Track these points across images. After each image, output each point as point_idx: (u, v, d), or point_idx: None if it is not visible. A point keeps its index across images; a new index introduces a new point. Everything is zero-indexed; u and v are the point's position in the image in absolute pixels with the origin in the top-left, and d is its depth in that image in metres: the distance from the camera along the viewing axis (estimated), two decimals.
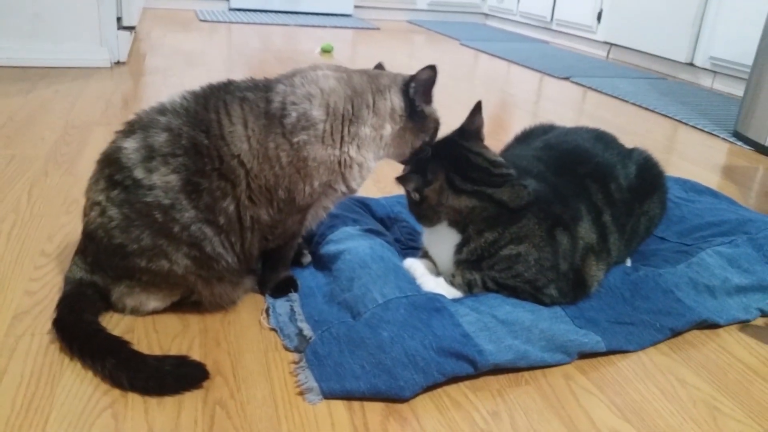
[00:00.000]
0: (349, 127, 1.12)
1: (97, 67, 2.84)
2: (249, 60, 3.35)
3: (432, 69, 1.13)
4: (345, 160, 1.13)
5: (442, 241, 1.18)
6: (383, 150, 1.18)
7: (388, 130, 1.16)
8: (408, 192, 1.19)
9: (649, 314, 1.17)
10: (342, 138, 1.12)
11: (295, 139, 1.08)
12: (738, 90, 3.24)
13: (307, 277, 1.24)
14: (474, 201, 1.13)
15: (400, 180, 1.16)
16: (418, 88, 1.15)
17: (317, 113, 1.09)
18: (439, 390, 1.00)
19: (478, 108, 1.20)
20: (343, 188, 1.16)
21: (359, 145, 1.13)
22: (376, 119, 1.14)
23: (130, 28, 3.07)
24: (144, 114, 1.09)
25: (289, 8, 5.18)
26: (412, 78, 1.15)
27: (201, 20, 4.51)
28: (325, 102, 1.10)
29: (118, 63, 2.93)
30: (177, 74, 2.84)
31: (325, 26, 4.72)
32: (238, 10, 5.06)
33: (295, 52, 3.66)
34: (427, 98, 1.18)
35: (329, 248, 1.25)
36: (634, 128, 2.63)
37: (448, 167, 1.15)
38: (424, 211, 1.17)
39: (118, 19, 2.89)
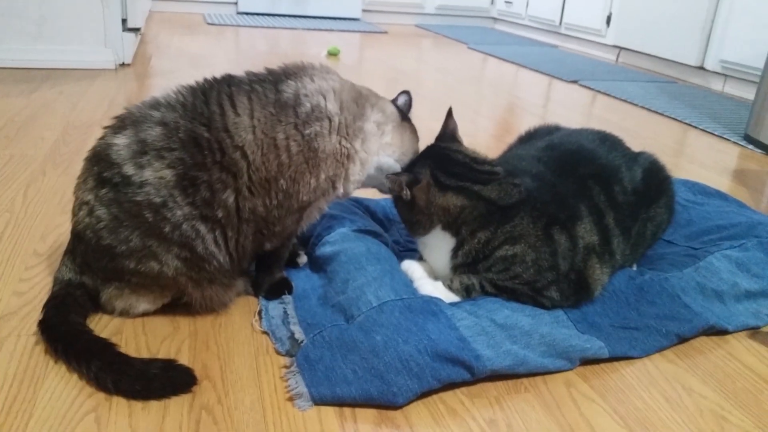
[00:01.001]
0: (358, 122, 1.15)
1: (102, 69, 2.84)
2: (255, 63, 3.33)
3: (407, 94, 1.25)
4: (351, 154, 1.14)
5: (438, 247, 1.16)
6: (383, 149, 1.19)
7: (389, 126, 1.20)
8: (397, 198, 1.18)
9: (655, 319, 1.13)
10: (354, 132, 1.14)
11: (308, 130, 1.08)
12: (749, 93, 3.19)
13: (302, 279, 1.21)
14: (462, 199, 1.11)
15: (391, 178, 1.14)
16: (401, 105, 1.24)
17: (332, 107, 1.11)
18: (435, 396, 0.96)
19: (449, 114, 1.25)
20: (341, 190, 1.16)
21: (363, 140, 1.15)
22: (380, 116, 1.18)
23: (135, 30, 3.06)
24: (135, 109, 1.06)
25: (297, 12, 5.17)
26: (396, 98, 1.25)
27: (209, 23, 4.51)
28: (339, 98, 1.13)
29: (122, 65, 2.93)
30: (182, 76, 2.82)
31: (332, 30, 4.71)
32: (246, 13, 5.06)
33: (303, 55, 3.64)
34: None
35: (325, 249, 1.22)
36: (643, 132, 2.59)
37: (432, 166, 1.15)
38: (416, 216, 1.15)
39: (123, 21, 2.89)
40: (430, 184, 1.13)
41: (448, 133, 1.23)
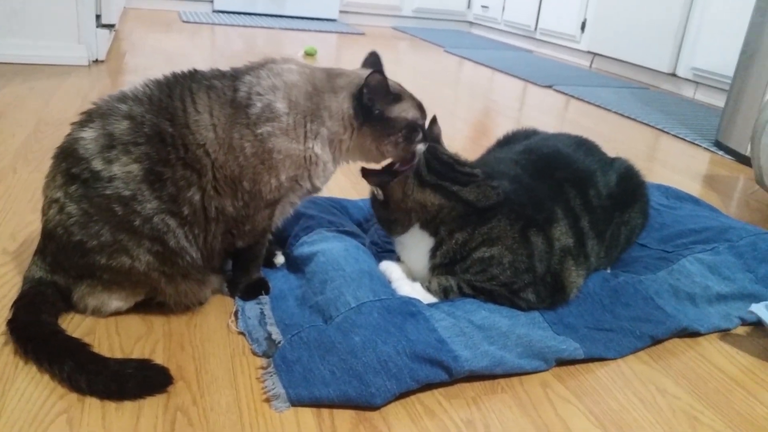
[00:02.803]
0: (311, 123, 1.09)
1: (75, 65, 2.78)
2: (231, 61, 3.28)
3: (380, 73, 1.08)
4: (310, 157, 1.10)
5: (416, 246, 1.16)
6: (341, 155, 1.14)
7: (344, 135, 1.12)
8: (374, 199, 1.18)
9: (629, 321, 1.15)
10: (305, 134, 1.09)
11: (259, 130, 1.05)
12: (719, 100, 3.26)
13: (280, 280, 1.20)
14: (440, 198, 1.12)
15: (365, 175, 1.14)
16: (372, 95, 1.09)
17: (280, 105, 1.07)
18: (412, 397, 0.96)
19: (433, 120, 1.24)
20: (308, 185, 1.14)
21: (322, 143, 1.11)
22: (331, 122, 1.10)
23: (110, 27, 3.02)
24: (103, 102, 1.05)
25: (274, 11, 5.14)
26: (364, 85, 1.08)
27: (184, 21, 4.46)
28: (287, 95, 1.08)
29: (96, 61, 2.88)
30: (156, 74, 2.78)
31: (309, 30, 4.69)
32: (222, 12, 5.01)
33: (279, 55, 3.61)
34: (387, 98, 1.10)
35: (303, 250, 1.22)
36: (615, 136, 2.62)
37: None
38: (394, 214, 1.15)
39: (97, 17, 2.84)
40: (408, 177, 1.13)
41: (434, 137, 1.22)
